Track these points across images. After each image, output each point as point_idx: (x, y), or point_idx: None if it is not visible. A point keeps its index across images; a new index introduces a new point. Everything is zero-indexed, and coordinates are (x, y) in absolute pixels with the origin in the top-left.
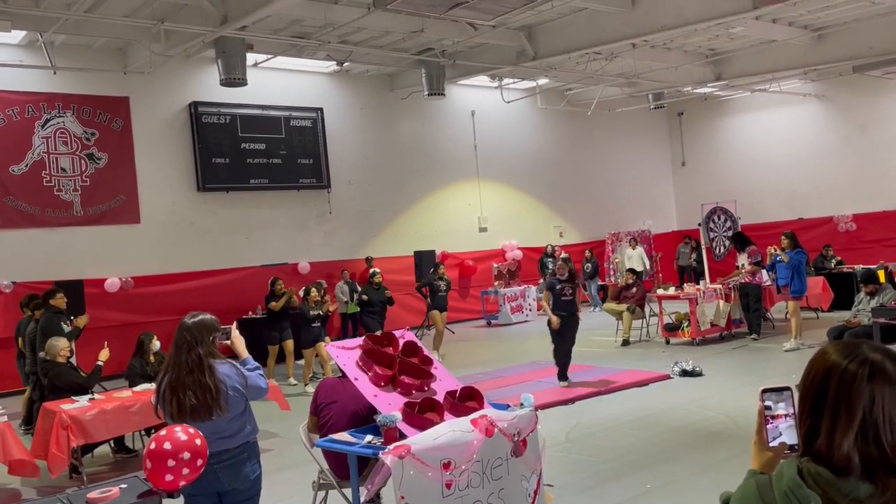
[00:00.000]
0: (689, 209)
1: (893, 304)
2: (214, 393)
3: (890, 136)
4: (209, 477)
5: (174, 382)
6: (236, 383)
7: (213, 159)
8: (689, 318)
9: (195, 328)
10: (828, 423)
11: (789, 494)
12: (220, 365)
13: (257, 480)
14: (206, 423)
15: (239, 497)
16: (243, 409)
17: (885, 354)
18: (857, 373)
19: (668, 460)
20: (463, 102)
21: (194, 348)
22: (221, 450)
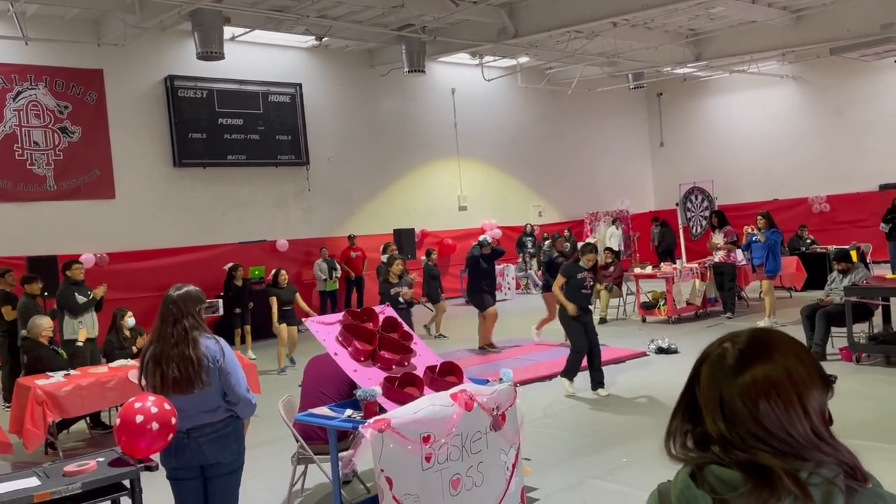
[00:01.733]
0: (666, 189)
1: (865, 283)
2: (197, 366)
3: (865, 119)
4: (193, 450)
5: (158, 355)
6: (219, 356)
7: (189, 134)
8: (665, 297)
9: (181, 300)
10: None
11: (680, 498)
12: (205, 338)
13: (241, 454)
14: (188, 396)
15: (223, 470)
16: None
17: (736, 338)
18: (700, 356)
19: (644, 435)
20: (443, 80)
21: (180, 321)
22: (205, 423)
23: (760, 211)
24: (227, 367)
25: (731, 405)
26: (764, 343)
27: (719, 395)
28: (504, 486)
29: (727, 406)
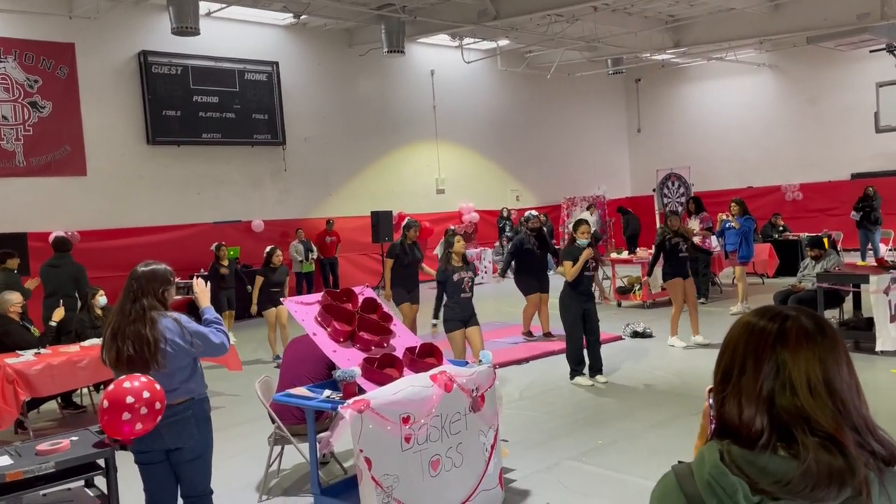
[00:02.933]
0: (643, 175)
1: (837, 269)
2: (152, 346)
3: (838, 109)
4: (151, 434)
5: (116, 330)
6: (176, 337)
7: (163, 111)
8: (640, 282)
9: (144, 278)
10: (736, 388)
11: (713, 484)
12: (163, 318)
13: (204, 441)
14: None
15: (186, 456)
16: (186, 364)
17: (802, 311)
18: (766, 328)
19: (619, 417)
20: (422, 61)
21: (140, 298)
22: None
23: (734, 198)
24: (192, 338)
25: (827, 380)
26: (823, 322)
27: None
28: (483, 467)
29: (821, 378)
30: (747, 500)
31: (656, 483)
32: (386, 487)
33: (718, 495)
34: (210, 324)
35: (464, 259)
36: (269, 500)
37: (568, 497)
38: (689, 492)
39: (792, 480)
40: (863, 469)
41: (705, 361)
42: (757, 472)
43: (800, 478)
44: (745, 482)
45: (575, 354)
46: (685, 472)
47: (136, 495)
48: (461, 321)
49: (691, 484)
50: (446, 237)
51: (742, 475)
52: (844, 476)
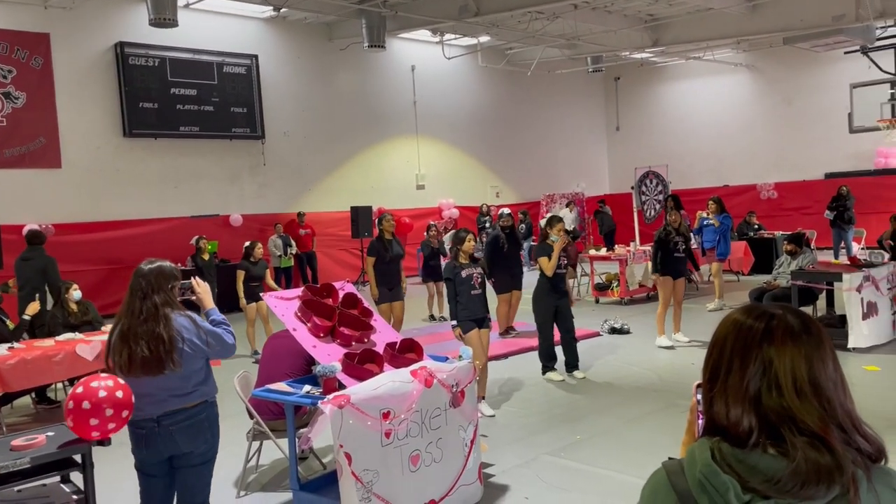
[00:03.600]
0: (622, 173)
1: (811, 267)
2: (168, 345)
3: (813, 109)
4: (164, 439)
5: (126, 332)
6: (193, 336)
7: (140, 104)
8: (618, 279)
9: (152, 275)
10: (723, 386)
11: (704, 482)
12: (177, 316)
13: (215, 444)
14: (157, 378)
15: (194, 461)
16: (201, 366)
17: (788, 310)
18: (754, 326)
19: (597, 413)
20: (403, 56)
21: (150, 296)
22: (177, 409)
23: (712, 196)
24: (207, 338)
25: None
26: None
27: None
28: (462, 463)
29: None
30: (738, 498)
31: (647, 479)
32: (366, 483)
33: (710, 493)
34: (219, 325)
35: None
36: (247, 495)
37: (546, 492)
38: (679, 489)
39: (782, 479)
40: (850, 467)
41: (681, 357)
42: (747, 471)
43: (789, 476)
44: (735, 481)
45: (546, 350)
46: (676, 468)
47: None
48: (474, 321)
49: (682, 481)
50: (457, 234)
51: (733, 473)
52: (833, 474)
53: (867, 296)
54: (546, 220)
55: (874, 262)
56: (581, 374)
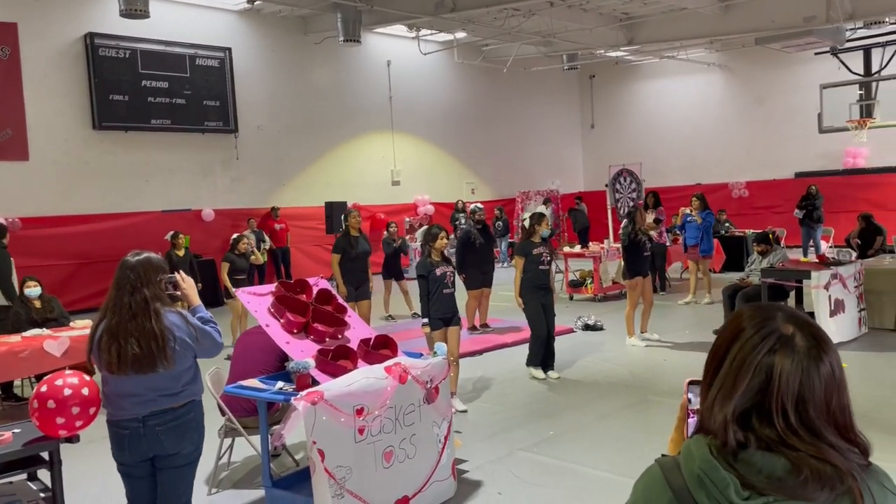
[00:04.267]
0: (596, 170)
1: (782, 265)
2: (160, 341)
3: (784, 109)
4: (150, 440)
5: (114, 328)
6: (185, 335)
7: (110, 96)
8: (592, 276)
9: (140, 267)
10: (714, 393)
11: (703, 478)
12: (168, 312)
13: (201, 445)
14: (146, 377)
15: (179, 462)
16: (190, 365)
17: (799, 327)
18: (758, 344)
19: (570, 409)
20: (379, 51)
21: (139, 289)
22: (165, 408)
23: (695, 192)
24: (197, 335)
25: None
26: (821, 331)
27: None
28: (436, 459)
29: (806, 395)
30: (738, 495)
31: (640, 475)
32: (339, 479)
33: (708, 489)
34: (206, 323)
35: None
36: (218, 492)
37: (520, 487)
38: (675, 485)
39: (784, 477)
40: (854, 481)
41: (654, 354)
42: (746, 468)
43: (792, 476)
44: (735, 477)
45: (537, 347)
46: (671, 465)
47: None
48: (443, 319)
49: (678, 477)
50: (429, 230)
51: (732, 470)
52: (835, 482)
53: (835, 293)
54: (531, 218)
55: (842, 261)
56: (556, 375)
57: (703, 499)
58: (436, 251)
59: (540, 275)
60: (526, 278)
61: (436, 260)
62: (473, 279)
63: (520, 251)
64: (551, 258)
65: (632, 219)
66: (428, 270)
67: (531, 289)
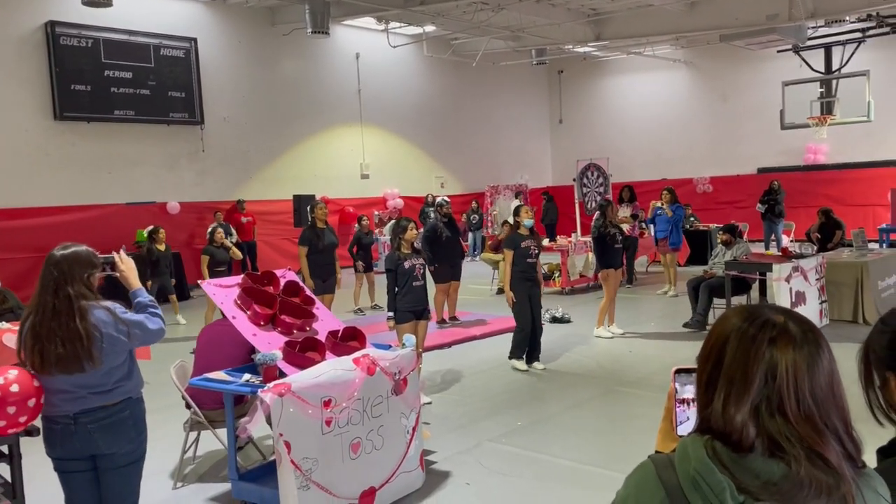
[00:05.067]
0: (564, 165)
1: (745, 258)
2: (85, 341)
3: (747, 106)
4: (82, 438)
5: (37, 328)
6: (112, 330)
7: (72, 86)
8: (560, 269)
9: (65, 262)
10: (723, 393)
11: (698, 480)
12: (94, 309)
13: (141, 444)
14: (74, 375)
15: (119, 461)
16: (123, 361)
17: (789, 316)
18: (756, 336)
19: (538, 400)
20: (347, 44)
21: (63, 287)
22: (96, 406)
23: (666, 186)
24: (128, 329)
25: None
26: (809, 320)
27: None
28: (403, 450)
29: (812, 381)
30: (734, 499)
31: (633, 470)
32: (305, 471)
33: (703, 492)
34: (145, 308)
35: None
36: (184, 486)
37: (487, 477)
38: (668, 484)
39: (780, 483)
40: (848, 484)
41: (620, 346)
42: (742, 472)
43: (790, 485)
44: (730, 481)
45: (521, 340)
46: (665, 463)
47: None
48: (413, 312)
49: (672, 476)
50: (398, 222)
51: (727, 473)
52: (831, 489)
53: (796, 286)
54: (514, 210)
55: (804, 254)
56: (541, 366)
57: (698, 501)
58: (406, 243)
59: (528, 267)
60: (514, 271)
61: (405, 253)
62: (442, 273)
63: (508, 244)
64: (539, 250)
65: (603, 212)
66: (396, 264)
67: (520, 281)
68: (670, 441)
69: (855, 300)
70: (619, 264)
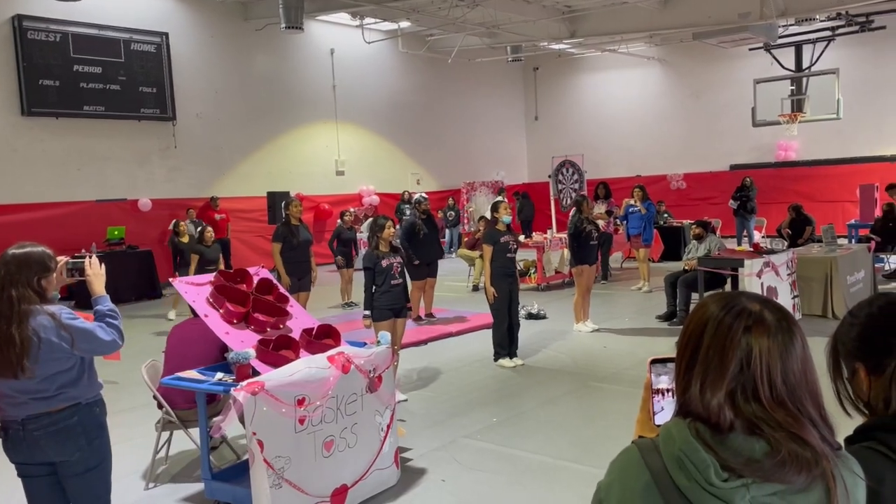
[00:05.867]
0: (540, 161)
1: (719, 252)
2: (19, 347)
3: (719, 103)
4: (30, 444)
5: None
6: (53, 336)
7: (40, 81)
8: (535, 265)
9: (14, 263)
10: (700, 378)
11: (683, 459)
12: (37, 314)
13: (96, 452)
14: (10, 381)
15: (75, 469)
16: (69, 367)
17: (764, 304)
18: (732, 324)
19: (513, 396)
20: (322, 39)
21: (6, 289)
22: (40, 412)
23: (637, 184)
24: (72, 337)
25: (790, 366)
26: (785, 308)
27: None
28: (378, 447)
29: (786, 367)
30: (717, 476)
31: (616, 456)
32: (277, 469)
33: (688, 470)
34: (103, 316)
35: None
36: (156, 487)
37: (462, 473)
38: (653, 466)
39: (762, 461)
40: (827, 463)
41: (595, 341)
42: (726, 451)
43: (770, 459)
44: (714, 459)
45: (500, 336)
46: (649, 446)
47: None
48: (392, 310)
49: (656, 459)
50: (376, 220)
51: (711, 452)
52: (811, 465)
53: (767, 281)
54: (493, 206)
55: (775, 250)
56: (519, 361)
57: (682, 480)
58: (384, 241)
59: (507, 262)
60: (494, 266)
61: (383, 251)
62: (418, 269)
63: (487, 239)
64: (517, 246)
65: (579, 208)
66: (374, 262)
67: (499, 276)
68: (648, 431)
69: (824, 295)
70: (594, 260)
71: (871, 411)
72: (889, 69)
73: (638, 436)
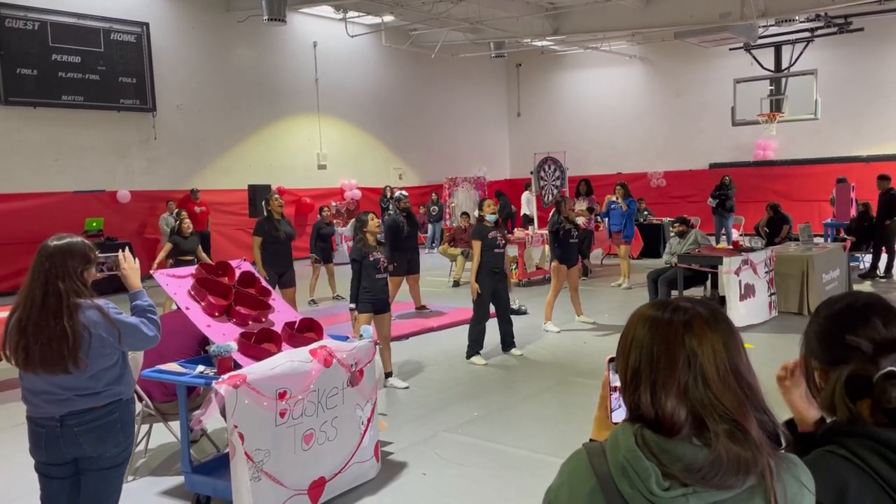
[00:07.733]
0: (522, 158)
1: (698, 251)
2: (71, 342)
3: (700, 102)
4: (67, 441)
5: (24, 322)
6: (102, 331)
7: (17, 69)
8: (517, 261)
9: (58, 254)
10: (650, 381)
11: (626, 467)
12: (86, 308)
13: (128, 447)
14: (60, 377)
15: (103, 464)
16: (114, 363)
17: (695, 302)
18: (671, 321)
19: (493, 391)
20: (305, 32)
21: (53, 281)
22: (83, 409)
23: (619, 181)
24: (119, 332)
25: (730, 358)
26: (715, 304)
27: (721, 350)
28: (357, 440)
29: (727, 360)
30: (659, 485)
31: (567, 458)
32: (257, 462)
33: (630, 478)
34: (144, 312)
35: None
36: (135, 480)
37: (443, 467)
38: (600, 472)
39: (702, 468)
40: (766, 458)
41: (574, 337)
42: (669, 458)
43: (710, 466)
44: (657, 467)
45: (477, 333)
46: (597, 451)
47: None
48: (372, 304)
49: (602, 464)
50: (360, 217)
51: (654, 460)
52: (749, 465)
53: (745, 278)
54: (479, 205)
55: (754, 248)
56: (519, 352)
57: (626, 487)
58: (370, 235)
59: (496, 258)
60: (482, 262)
61: (371, 245)
62: (398, 266)
63: (476, 235)
64: (506, 241)
65: (558, 208)
66: (362, 255)
67: (488, 273)
68: (605, 429)
69: (801, 293)
70: (574, 261)
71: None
72: (867, 71)
73: (594, 434)
